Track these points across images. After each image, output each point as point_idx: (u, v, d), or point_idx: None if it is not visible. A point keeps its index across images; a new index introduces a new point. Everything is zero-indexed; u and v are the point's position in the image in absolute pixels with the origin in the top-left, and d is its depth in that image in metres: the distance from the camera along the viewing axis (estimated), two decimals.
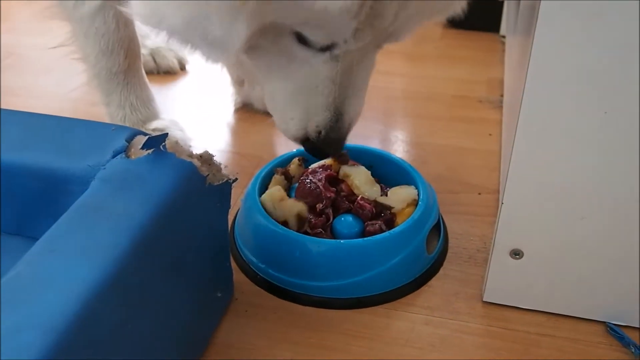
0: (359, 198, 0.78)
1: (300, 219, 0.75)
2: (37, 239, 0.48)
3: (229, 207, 0.65)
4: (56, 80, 1.25)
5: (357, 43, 0.60)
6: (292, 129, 0.69)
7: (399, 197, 0.78)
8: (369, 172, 0.81)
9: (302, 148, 0.84)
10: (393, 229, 0.74)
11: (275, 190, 0.79)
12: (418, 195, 0.78)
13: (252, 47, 0.65)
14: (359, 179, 0.80)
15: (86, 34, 0.91)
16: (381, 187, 0.81)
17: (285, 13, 0.56)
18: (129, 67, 0.96)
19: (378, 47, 0.65)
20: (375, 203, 0.77)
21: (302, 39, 0.61)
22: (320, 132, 0.68)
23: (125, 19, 0.91)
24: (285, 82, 0.67)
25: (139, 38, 0.98)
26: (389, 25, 0.59)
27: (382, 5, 0.54)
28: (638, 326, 0.69)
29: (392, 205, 0.77)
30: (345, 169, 0.81)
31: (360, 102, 0.69)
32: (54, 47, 0.98)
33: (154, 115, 1.01)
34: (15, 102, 1.16)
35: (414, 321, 0.71)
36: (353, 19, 0.56)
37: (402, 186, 0.80)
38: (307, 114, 0.68)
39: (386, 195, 0.79)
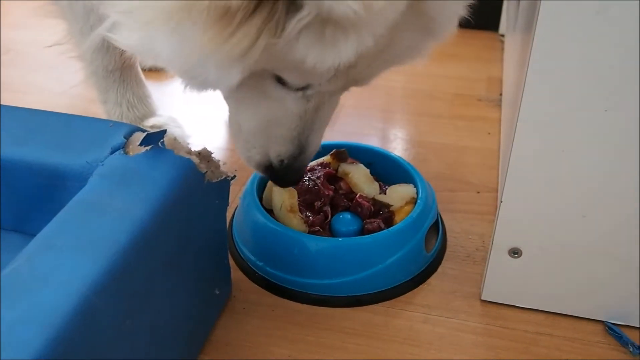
0: (357, 196, 0.78)
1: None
2: (35, 235, 0.48)
3: (228, 205, 0.65)
4: (55, 76, 1.24)
5: (329, 87, 0.63)
6: (256, 157, 0.71)
7: (397, 195, 0.78)
8: (368, 170, 0.81)
9: None
10: (392, 227, 0.74)
11: (286, 196, 0.77)
12: (417, 193, 0.78)
13: None
14: (358, 176, 0.80)
15: (82, 31, 0.90)
16: (380, 185, 0.81)
17: (277, 63, 0.58)
18: (125, 65, 0.95)
19: (345, 90, 0.67)
20: (374, 201, 0.77)
21: (280, 80, 0.63)
22: (282, 161, 0.69)
23: None
24: (255, 115, 0.68)
25: None
26: (360, 74, 0.62)
27: (359, 59, 0.56)
28: (637, 325, 0.69)
29: (390, 203, 0.77)
30: (345, 167, 0.81)
31: (321, 136, 0.71)
32: (50, 46, 0.98)
33: (151, 112, 1.01)
34: (13, 99, 1.15)
35: (412, 319, 0.71)
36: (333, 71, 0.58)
37: (400, 184, 0.80)
38: (271, 144, 0.69)
39: (385, 193, 0.79)
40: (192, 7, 0.52)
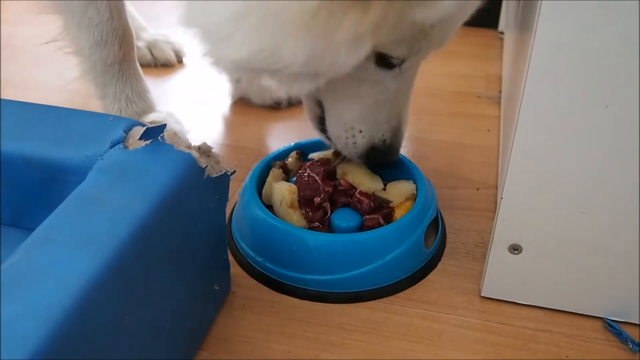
0: (357, 192, 0.78)
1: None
2: (34, 230, 0.48)
3: (227, 200, 0.65)
4: (53, 72, 1.24)
5: (424, 54, 0.68)
6: (361, 142, 0.74)
7: (397, 191, 0.78)
8: (365, 167, 0.80)
9: (300, 141, 0.84)
10: (391, 223, 0.74)
11: (287, 192, 0.77)
12: (416, 189, 0.78)
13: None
14: (358, 174, 0.79)
15: (79, 25, 0.90)
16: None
17: (389, 35, 0.61)
18: (124, 58, 0.95)
19: (425, 58, 0.71)
20: (374, 197, 0.77)
21: (379, 62, 0.66)
22: (385, 141, 0.74)
23: (118, 8, 0.90)
24: (358, 102, 0.72)
25: (135, 30, 0.97)
26: (446, 33, 0.66)
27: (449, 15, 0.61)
28: (636, 322, 0.68)
29: (390, 199, 0.77)
30: (343, 167, 0.80)
31: (409, 110, 0.76)
32: (47, 42, 0.97)
33: (150, 107, 1.01)
34: (11, 94, 1.15)
35: (412, 316, 0.71)
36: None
37: (400, 181, 0.80)
38: (375, 127, 0.73)
39: (384, 190, 0.78)
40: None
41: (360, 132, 0.74)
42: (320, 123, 0.79)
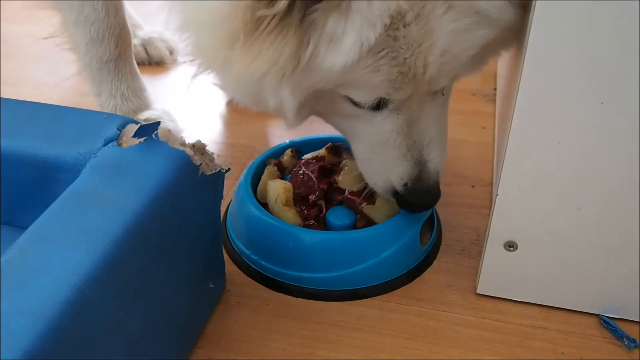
0: (347, 192, 0.77)
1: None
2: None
3: (222, 197, 0.65)
4: (47, 69, 1.23)
5: (399, 95, 0.63)
6: (379, 183, 0.71)
7: (384, 208, 0.76)
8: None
9: (295, 139, 0.84)
10: (386, 221, 0.74)
11: (282, 189, 0.76)
12: None
13: (319, 113, 0.72)
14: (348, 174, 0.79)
15: (76, 22, 0.90)
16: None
17: (317, 81, 0.61)
18: (120, 56, 0.95)
19: (434, 94, 0.66)
20: (361, 213, 0.76)
21: (354, 101, 0.65)
22: (406, 184, 0.68)
23: (115, 6, 0.90)
24: (361, 140, 0.70)
25: (131, 28, 0.97)
26: (423, 76, 0.61)
27: (406, 61, 0.59)
28: (631, 319, 0.68)
29: (375, 219, 0.76)
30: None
31: (443, 149, 0.70)
32: (45, 38, 0.97)
33: (145, 105, 1.00)
34: (5, 91, 1.14)
35: (407, 313, 0.71)
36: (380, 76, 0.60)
37: None
38: (388, 168, 0.69)
39: (374, 204, 0.77)
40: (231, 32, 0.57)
41: (376, 174, 0.71)
42: None
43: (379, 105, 0.64)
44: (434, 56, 0.59)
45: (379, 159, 0.69)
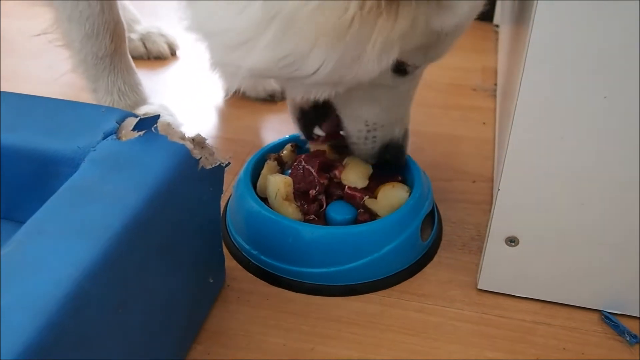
0: (346, 188, 0.77)
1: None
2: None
3: (222, 192, 0.64)
4: (45, 65, 1.23)
5: (435, 60, 0.71)
6: (379, 137, 0.77)
7: (388, 201, 0.76)
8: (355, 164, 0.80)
9: (295, 134, 0.84)
10: (387, 216, 0.73)
11: (282, 184, 0.76)
12: (410, 190, 0.77)
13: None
14: (346, 170, 0.78)
15: (70, 17, 0.89)
16: (373, 181, 0.79)
17: (410, 43, 0.63)
18: (115, 51, 0.94)
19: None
20: (364, 207, 0.76)
21: (396, 69, 0.68)
22: (398, 140, 0.78)
23: (109, 2, 0.89)
24: (370, 104, 0.74)
25: (128, 23, 0.96)
26: (449, 44, 0.69)
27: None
28: (633, 315, 0.68)
29: (378, 212, 0.76)
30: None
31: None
32: (38, 35, 0.96)
33: (142, 100, 1.00)
34: (3, 86, 1.13)
35: (408, 309, 0.70)
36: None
37: (394, 185, 0.78)
38: (390, 125, 0.76)
39: (376, 198, 0.77)
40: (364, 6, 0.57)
41: (383, 126, 0.75)
42: (304, 118, 0.80)
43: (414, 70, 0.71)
44: (464, 29, 0.69)
45: (386, 117, 0.75)
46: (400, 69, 0.69)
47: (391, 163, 0.79)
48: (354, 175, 0.78)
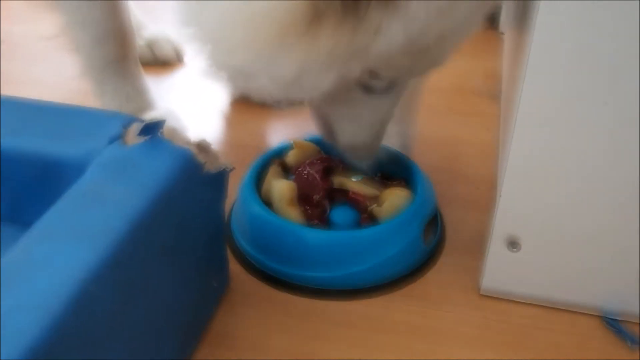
0: (350, 192, 0.77)
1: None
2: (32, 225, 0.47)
3: (226, 196, 0.65)
4: (51, 69, 1.23)
5: (411, 77, 0.71)
6: (367, 140, 0.76)
7: (392, 205, 0.76)
8: (360, 177, 0.80)
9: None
10: (390, 220, 0.74)
11: (286, 189, 0.76)
12: (414, 192, 0.78)
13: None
14: (354, 184, 0.79)
15: (79, 23, 0.90)
16: (377, 183, 0.80)
17: (371, 60, 0.61)
18: (125, 56, 0.94)
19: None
20: (369, 213, 0.77)
21: (367, 89, 0.67)
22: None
23: (119, 7, 0.90)
24: (360, 119, 0.73)
25: (135, 28, 0.97)
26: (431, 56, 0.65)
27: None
28: (635, 320, 0.68)
29: (382, 217, 0.76)
30: (338, 178, 0.80)
31: None
32: (48, 39, 0.97)
33: (149, 105, 1.00)
34: (8, 91, 1.13)
35: (410, 312, 0.71)
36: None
37: (398, 188, 0.78)
38: (380, 132, 0.76)
39: (380, 205, 0.77)
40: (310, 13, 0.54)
41: (368, 135, 0.75)
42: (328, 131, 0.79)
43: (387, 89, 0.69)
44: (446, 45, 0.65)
45: (374, 129, 0.74)
46: (367, 85, 0.67)
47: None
48: (362, 187, 0.78)
